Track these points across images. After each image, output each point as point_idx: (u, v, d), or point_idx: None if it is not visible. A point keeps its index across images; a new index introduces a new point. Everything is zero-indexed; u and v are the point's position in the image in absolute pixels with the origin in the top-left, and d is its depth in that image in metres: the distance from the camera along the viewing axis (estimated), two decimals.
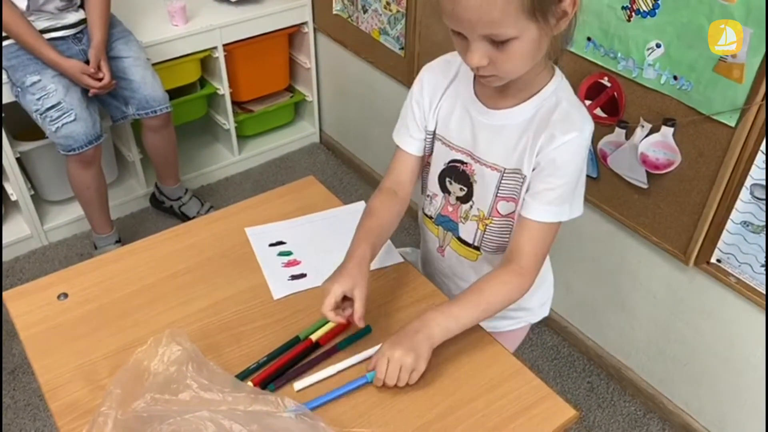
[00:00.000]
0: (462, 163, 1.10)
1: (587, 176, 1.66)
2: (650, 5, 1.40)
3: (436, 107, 1.11)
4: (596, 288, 1.90)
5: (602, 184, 1.69)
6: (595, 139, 1.64)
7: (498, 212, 1.09)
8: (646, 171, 1.56)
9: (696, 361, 1.72)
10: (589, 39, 1.55)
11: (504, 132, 1.03)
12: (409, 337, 0.97)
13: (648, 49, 1.45)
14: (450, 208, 1.16)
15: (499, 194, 1.07)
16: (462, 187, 1.12)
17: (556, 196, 1.00)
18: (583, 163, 1.01)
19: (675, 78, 1.42)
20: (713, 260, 1.53)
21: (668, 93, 1.45)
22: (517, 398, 0.99)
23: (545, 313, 1.32)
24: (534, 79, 0.99)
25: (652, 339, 1.81)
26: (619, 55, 1.51)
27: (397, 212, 1.16)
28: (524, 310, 1.27)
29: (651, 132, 1.51)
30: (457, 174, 1.11)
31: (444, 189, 1.15)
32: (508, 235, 1.10)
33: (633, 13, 1.45)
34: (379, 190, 1.17)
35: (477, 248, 1.15)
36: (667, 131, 1.48)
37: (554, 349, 2.05)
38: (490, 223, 1.10)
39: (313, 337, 1.05)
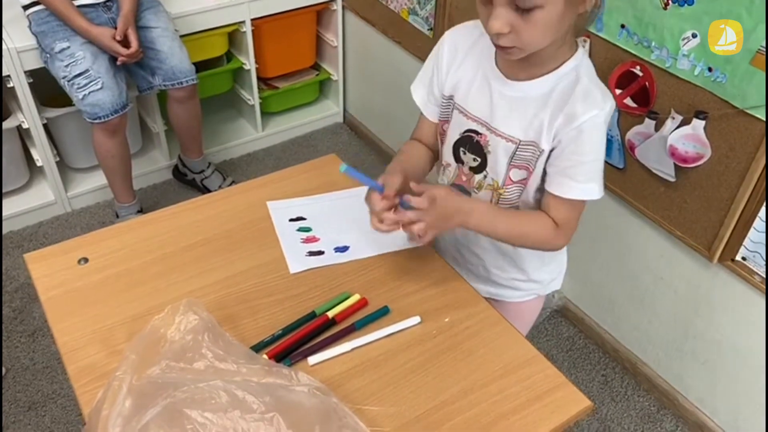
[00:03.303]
0: (477, 133, 1.10)
1: (613, 167, 1.67)
2: None
3: (455, 71, 1.11)
4: (615, 280, 1.88)
5: (628, 176, 1.66)
6: (624, 129, 1.61)
7: (511, 179, 1.10)
8: (675, 164, 1.53)
9: (714, 359, 1.69)
10: (622, 26, 1.52)
11: (522, 104, 1.03)
12: (445, 217, 1.02)
13: (683, 39, 1.42)
14: (464, 178, 1.16)
15: (512, 163, 1.08)
16: (475, 157, 1.12)
17: (583, 173, 1.01)
18: (604, 141, 1.01)
19: (710, 69, 1.39)
20: (738, 258, 1.51)
21: (702, 85, 1.42)
22: (532, 385, 0.98)
23: (556, 287, 1.32)
24: (555, 53, 0.99)
25: (670, 335, 1.79)
26: (652, 44, 1.47)
27: (426, 153, 1.22)
28: (534, 282, 1.26)
29: (681, 124, 1.48)
30: (471, 144, 1.12)
31: (458, 159, 1.16)
32: (517, 199, 1.11)
33: (670, 1, 1.41)
34: (407, 141, 1.25)
35: None
36: (698, 124, 1.45)
37: (570, 340, 2.03)
38: (504, 192, 1.11)
39: (330, 313, 1.05)
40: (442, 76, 1.12)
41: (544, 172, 1.06)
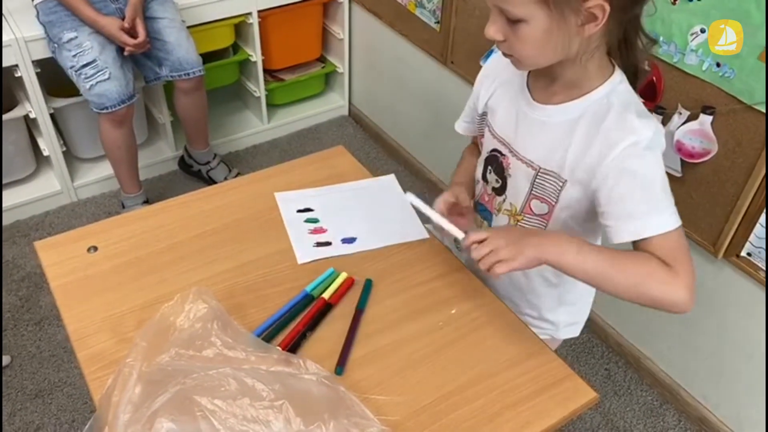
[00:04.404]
0: (500, 153, 1.07)
1: None
2: None
3: (492, 90, 1.09)
4: None
5: None
6: None
7: (531, 210, 1.05)
8: (681, 159, 1.53)
9: (717, 354, 1.70)
10: None
11: (545, 129, 0.99)
12: (521, 234, 0.94)
13: (691, 34, 1.42)
14: (486, 198, 1.14)
15: (533, 192, 1.03)
16: (498, 178, 1.09)
17: (644, 205, 0.91)
18: (656, 165, 0.93)
19: (718, 65, 1.39)
20: (743, 254, 1.51)
21: (709, 80, 1.42)
22: (538, 377, 0.99)
23: (573, 334, 1.26)
24: (582, 77, 0.95)
25: (673, 330, 1.79)
26: (661, 38, 1.47)
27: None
28: (547, 322, 1.21)
29: (688, 119, 1.48)
30: (496, 164, 1.09)
31: (484, 177, 1.13)
32: None
33: None
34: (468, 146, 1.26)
35: None
36: (705, 119, 1.45)
37: None
38: (522, 219, 1.07)
39: (325, 295, 1.07)
40: (480, 93, 1.11)
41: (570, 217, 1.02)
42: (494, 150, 1.08)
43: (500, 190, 1.09)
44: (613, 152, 0.91)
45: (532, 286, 1.16)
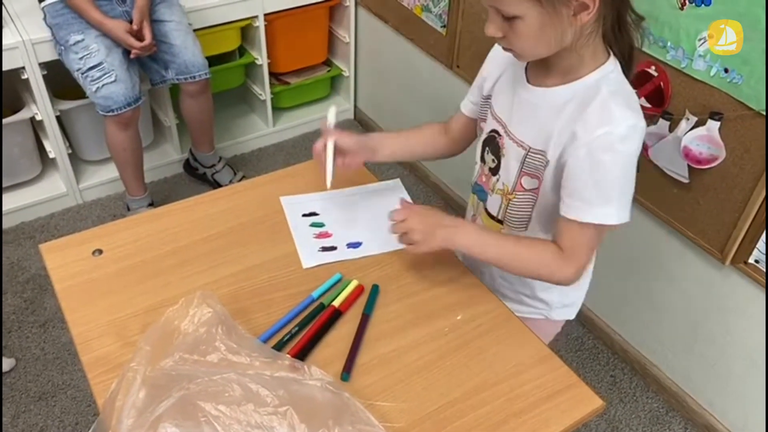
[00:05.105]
0: (498, 134, 1.11)
1: None
2: None
3: (498, 74, 1.12)
4: (625, 281, 1.87)
5: (641, 176, 1.60)
6: None
7: (522, 186, 1.08)
8: (688, 165, 1.52)
9: (724, 361, 1.69)
10: None
11: (537, 111, 1.03)
12: (435, 224, 1.05)
13: (699, 40, 1.41)
14: (484, 178, 1.17)
15: (523, 170, 1.07)
16: (494, 158, 1.12)
17: (595, 195, 0.96)
18: (625, 163, 0.95)
19: (726, 70, 1.38)
20: (751, 260, 1.50)
21: (717, 86, 1.41)
22: (543, 384, 0.98)
23: (568, 315, 1.28)
24: (576, 64, 0.97)
25: (680, 336, 1.78)
26: (668, 44, 1.47)
27: (440, 139, 1.27)
28: (540, 301, 1.23)
29: (696, 125, 1.47)
30: (493, 144, 1.12)
31: (482, 158, 1.16)
32: (530, 209, 1.09)
33: (687, 1, 1.40)
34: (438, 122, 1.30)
35: (501, 221, 1.16)
36: (713, 125, 1.44)
37: (578, 340, 2.03)
38: (514, 198, 1.10)
39: (335, 303, 1.06)
40: (485, 79, 1.15)
41: (555, 194, 1.03)
42: (493, 131, 1.11)
43: (495, 170, 1.12)
44: (588, 137, 0.95)
45: None
